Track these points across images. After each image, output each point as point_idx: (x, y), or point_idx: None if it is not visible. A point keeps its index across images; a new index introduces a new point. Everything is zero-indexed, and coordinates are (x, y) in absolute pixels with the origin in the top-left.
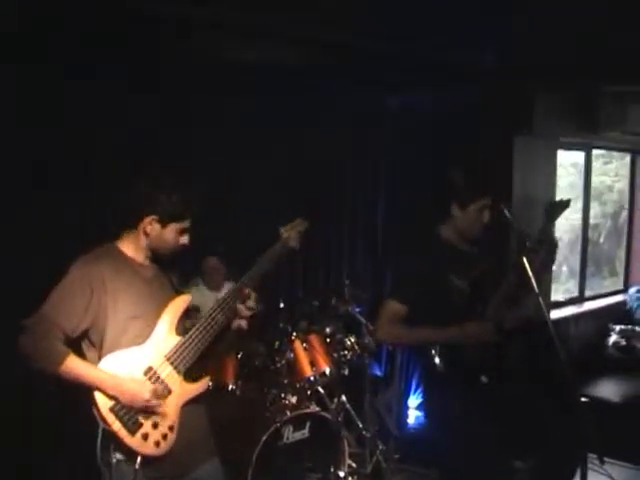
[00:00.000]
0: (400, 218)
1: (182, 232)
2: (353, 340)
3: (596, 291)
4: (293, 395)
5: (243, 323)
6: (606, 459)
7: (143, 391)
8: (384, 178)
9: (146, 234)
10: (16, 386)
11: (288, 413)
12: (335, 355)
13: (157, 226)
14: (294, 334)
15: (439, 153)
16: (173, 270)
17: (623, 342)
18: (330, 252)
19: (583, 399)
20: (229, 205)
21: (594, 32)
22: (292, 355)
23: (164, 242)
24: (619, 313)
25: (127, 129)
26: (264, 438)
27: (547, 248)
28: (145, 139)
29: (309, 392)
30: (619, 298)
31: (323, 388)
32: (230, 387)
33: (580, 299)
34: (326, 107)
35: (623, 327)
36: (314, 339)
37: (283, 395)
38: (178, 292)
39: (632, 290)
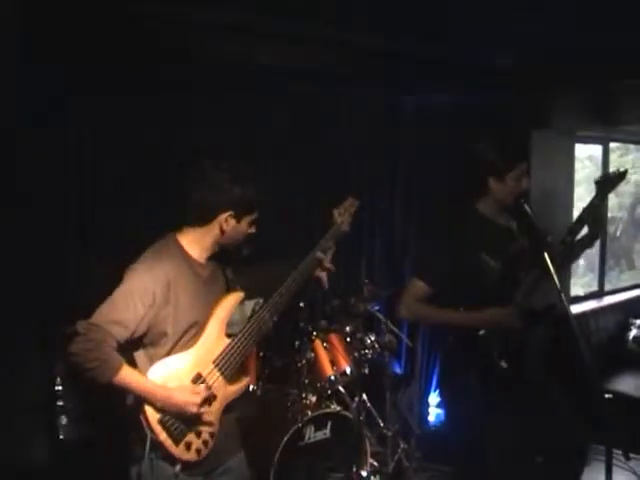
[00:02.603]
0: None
1: (253, 222)
2: (373, 339)
3: (614, 285)
4: (314, 395)
5: (323, 275)
6: (631, 455)
7: (191, 404)
8: (401, 177)
9: (222, 232)
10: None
11: (309, 413)
12: (355, 354)
13: (232, 222)
14: (314, 334)
15: (457, 151)
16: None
17: None
18: (348, 251)
19: (607, 395)
20: None
21: (610, 26)
22: (312, 355)
23: (237, 236)
24: (639, 307)
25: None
26: (286, 439)
27: (593, 225)
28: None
29: (330, 392)
30: (638, 292)
31: (344, 387)
32: (251, 388)
33: (600, 293)
34: (342, 108)
35: None
36: (334, 338)
37: (304, 395)
38: (230, 289)
39: None
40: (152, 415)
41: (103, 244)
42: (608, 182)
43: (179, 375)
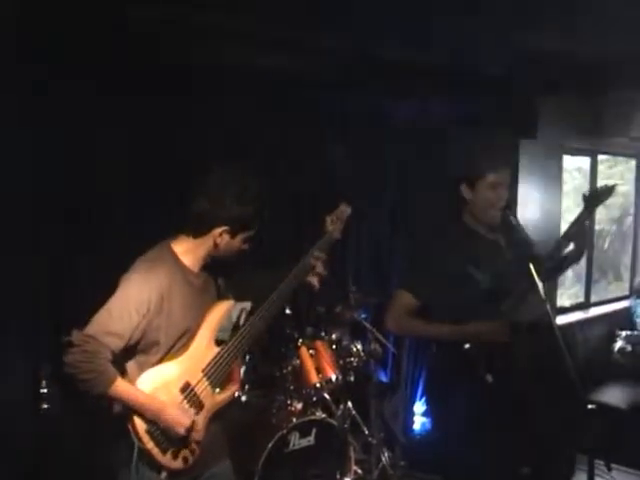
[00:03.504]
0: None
1: (247, 240)
2: (359, 346)
3: (601, 297)
4: (299, 401)
5: (315, 281)
6: (613, 465)
7: (181, 425)
8: (389, 182)
9: (216, 245)
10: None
11: (294, 420)
12: (341, 361)
13: (227, 237)
14: (300, 340)
15: (444, 159)
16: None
17: (629, 348)
18: (335, 257)
19: (590, 406)
20: None
21: (598, 38)
22: (298, 361)
23: (229, 251)
24: (625, 319)
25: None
26: (270, 445)
27: (579, 240)
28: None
29: (315, 399)
30: (625, 304)
31: (329, 394)
32: (236, 394)
33: (586, 305)
34: (329, 109)
35: (629, 333)
36: (320, 345)
37: (289, 402)
38: (221, 297)
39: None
40: (140, 424)
41: (93, 246)
42: (596, 196)
43: (168, 384)
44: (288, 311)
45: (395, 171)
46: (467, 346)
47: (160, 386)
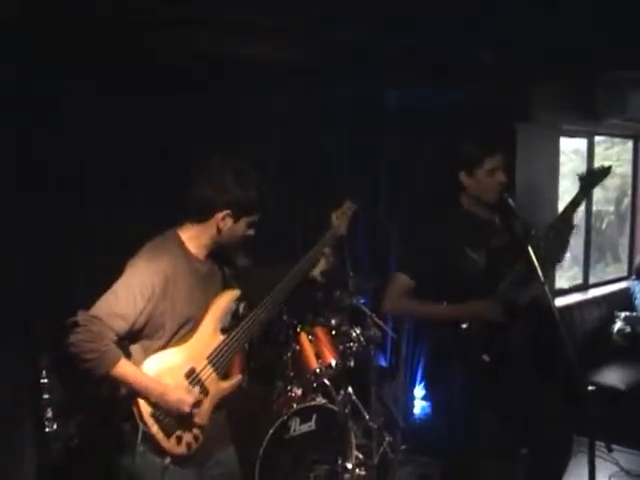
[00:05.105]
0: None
1: (251, 225)
2: (358, 332)
3: (599, 278)
4: (299, 387)
5: (317, 274)
6: (613, 446)
7: (184, 403)
8: (385, 169)
9: (219, 230)
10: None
11: (294, 406)
12: (341, 347)
13: (229, 221)
14: (299, 326)
15: (440, 147)
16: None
17: (628, 329)
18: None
19: (590, 387)
20: None
21: (593, 18)
22: (298, 347)
23: (233, 236)
24: (623, 300)
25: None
26: (271, 431)
27: (566, 227)
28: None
29: (315, 384)
30: (623, 285)
31: (329, 380)
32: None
33: (584, 286)
34: (325, 106)
35: (628, 314)
36: (319, 331)
37: (289, 388)
38: (227, 286)
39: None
40: (144, 408)
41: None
42: (592, 177)
43: (173, 369)
44: None
45: (391, 159)
46: (464, 326)
47: (165, 371)
